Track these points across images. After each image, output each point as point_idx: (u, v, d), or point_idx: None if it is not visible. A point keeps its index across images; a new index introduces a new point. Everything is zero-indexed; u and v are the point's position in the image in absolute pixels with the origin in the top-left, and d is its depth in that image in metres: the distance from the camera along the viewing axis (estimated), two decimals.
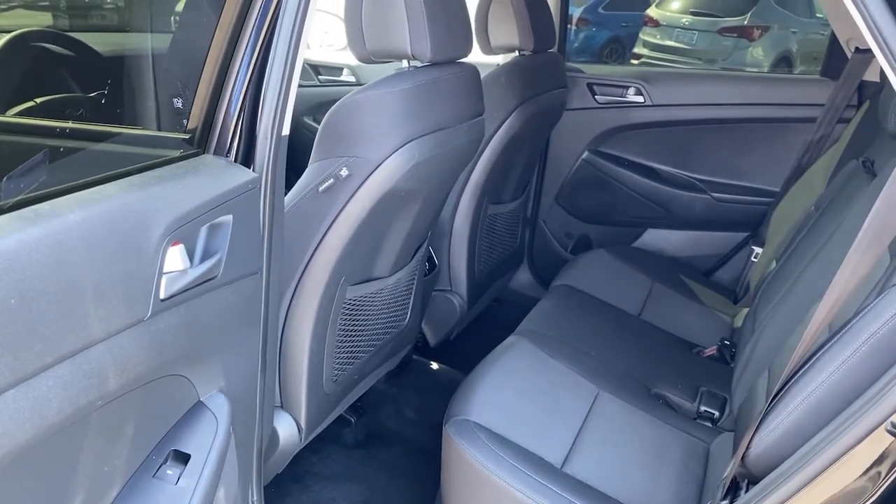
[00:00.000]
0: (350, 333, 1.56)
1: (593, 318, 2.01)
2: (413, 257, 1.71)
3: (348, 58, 2.83)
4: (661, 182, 2.58)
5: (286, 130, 1.17)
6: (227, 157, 1.09)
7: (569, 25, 8.28)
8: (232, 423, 1.05)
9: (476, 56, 2.24)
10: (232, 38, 1.05)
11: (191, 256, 0.95)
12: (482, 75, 2.09)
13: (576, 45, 7.92)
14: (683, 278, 2.43)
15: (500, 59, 2.28)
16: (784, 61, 7.72)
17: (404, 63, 1.42)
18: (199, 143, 1.06)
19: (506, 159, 2.16)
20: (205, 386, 1.03)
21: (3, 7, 1.67)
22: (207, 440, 0.98)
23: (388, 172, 1.32)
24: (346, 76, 3.12)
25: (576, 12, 7.99)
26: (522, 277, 2.82)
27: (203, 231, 0.97)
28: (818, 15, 8.29)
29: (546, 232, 2.76)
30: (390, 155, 1.32)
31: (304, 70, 3.14)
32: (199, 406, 1.01)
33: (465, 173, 2.09)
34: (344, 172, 1.32)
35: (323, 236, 1.36)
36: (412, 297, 1.82)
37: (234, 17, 1.03)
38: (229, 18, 1.03)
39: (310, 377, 1.45)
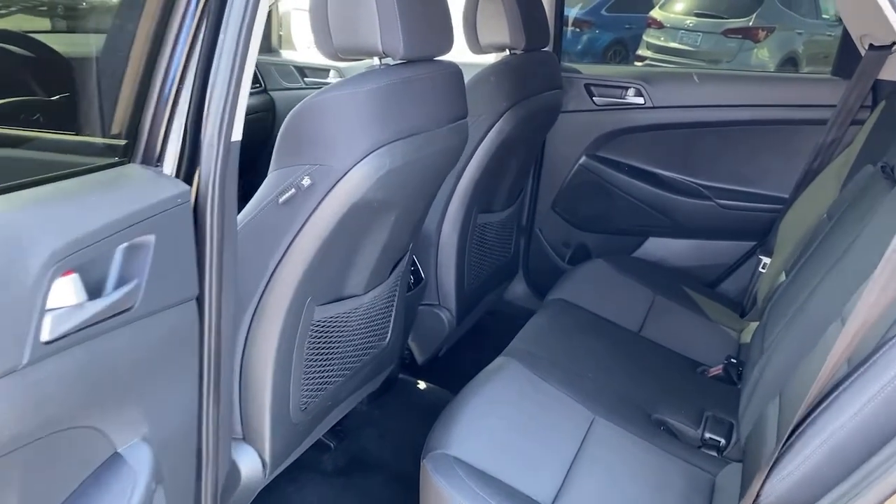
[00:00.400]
0: (320, 358, 1.42)
1: (589, 337, 1.88)
2: (392, 272, 1.58)
3: None
4: (662, 188, 2.44)
5: (237, 135, 1.04)
6: (157, 166, 0.96)
7: (571, 28, 8.18)
8: (160, 473, 0.91)
9: (465, 56, 2.12)
10: (159, 28, 0.92)
11: (98, 286, 0.81)
12: (471, 75, 1.98)
13: (578, 47, 7.84)
14: (687, 290, 2.29)
15: (493, 58, 2.15)
16: (790, 62, 7.62)
17: (375, 61, 1.29)
18: (125, 151, 0.93)
19: (496, 165, 2.02)
20: (122, 435, 0.89)
21: None
22: (122, 497, 0.84)
23: (355, 182, 1.19)
24: (332, 78, 2.99)
25: (578, 14, 7.91)
26: (517, 289, 2.69)
27: (118, 254, 0.83)
28: (824, 16, 8.21)
29: (542, 241, 2.62)
30: (357, 162, 1.18)
31: (289, 73, 3.03)
32: (114, 459, 0.87)
33: (452, 181, 1.96)
34: (306, 182, 1.18)
35: (284, 253, 1.22)
36: (393, 315, 1.69)
37: (160, 4, 0.90)
38: (155, 5, 0.89)
39: (274, 407, 1.32)
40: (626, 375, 1.73)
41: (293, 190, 1.19)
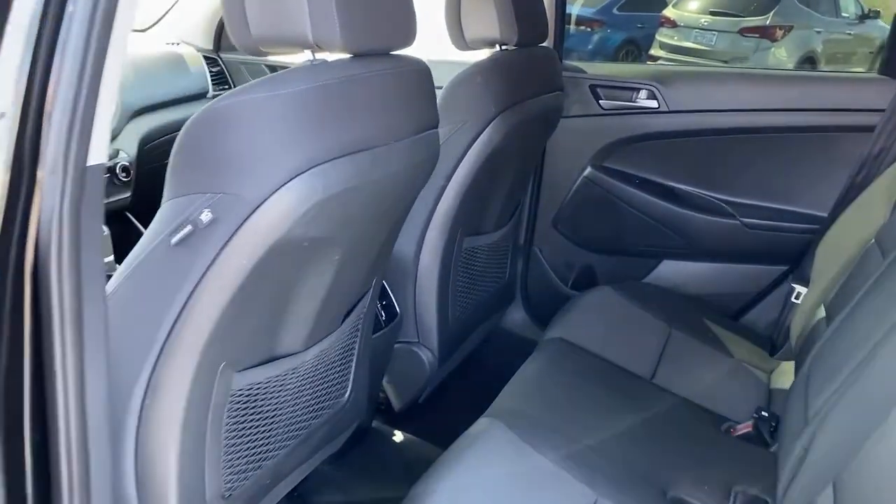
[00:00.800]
0: (247, 433, 1.12)
1: (593, 388, 1.57)
2: (346, 319, 1.28)
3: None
4: (679, 204, 2.13)
5: (98, 158, 0.75)
6: None
7: (581, 27, 7.91)
8: None
9: (450, 55, 1.83)
10: None
11: None
12: (454, 75, 1.68)
13: (589, 47, 7.62)
14: (707, 323, 1.98)
15: (485, 55, 1.84)
16: (808, 62, 7.35)
17: (307, 55, 0.98)
18: None
19: (485, 181, 1.72)
20: None
21: None
22: None
23: (274, 216, 0.90)
24: None
25: (589, 13, 7.69)
26: (515, 316, 2.39)
27: None
28: (844, 14, 7.93)
29: (542, 262, 2.32)
30: (277, 189, 0.89)
31: (261, 72, 2.75)
32: None
33: (430, 201, 1.67)
34: (206, 217, 0.89)
35: (182, 309, 0.93)
36: (354, 365, 1.39)
37: None
38: None
39: (183, 498, 1.02)
40: (637, 439, 1.43)
41: (189, 227, 0.90)
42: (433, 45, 1.79)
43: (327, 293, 1.13)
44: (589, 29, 7.71)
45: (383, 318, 1.65)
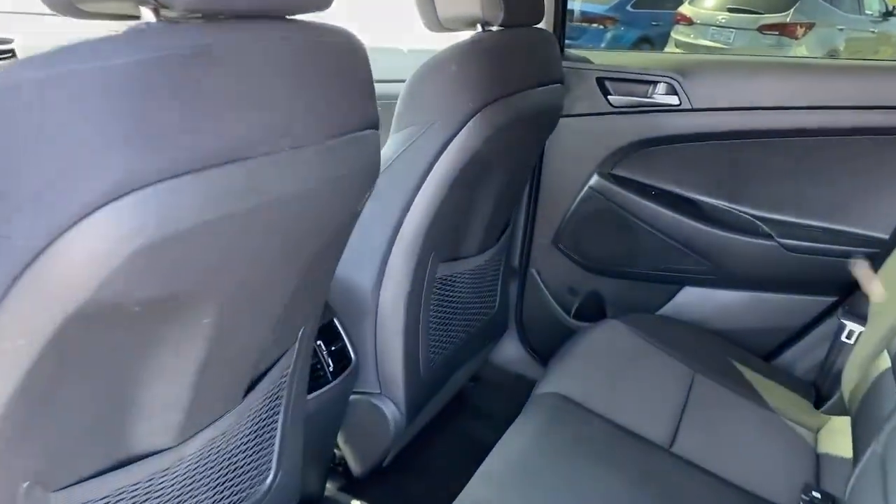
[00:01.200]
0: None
1: (595, 465, 1.22)
2: (249, 392, 0.94)
3: None
4: (704, 220, 1.77)
5: None
6: None
7: (594, 25, 7.56)
8: None
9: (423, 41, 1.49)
10: None
11: None
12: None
13: (602, 45, 7.30)
14: (737, 365, 1.63)
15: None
16: None
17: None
18: None
19: (463, 195, 1.38)
20: None
21: None
22: None
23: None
24: None
25: (602, 10, 7.44)
26: (508, 349, 2.04)
27: None
28: (867, 11, 7.60)
29: (541, 287, 1.97)
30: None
31: None
32: None
33: (391, 222, 1.34)
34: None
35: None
36: (276, 444, 1.05)
37: None
38: None
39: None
40: None
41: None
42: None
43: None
44: (601, 26, 7.47)
45: (330, 367, 1.31)
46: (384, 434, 1.45)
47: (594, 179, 1.83)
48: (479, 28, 1.37)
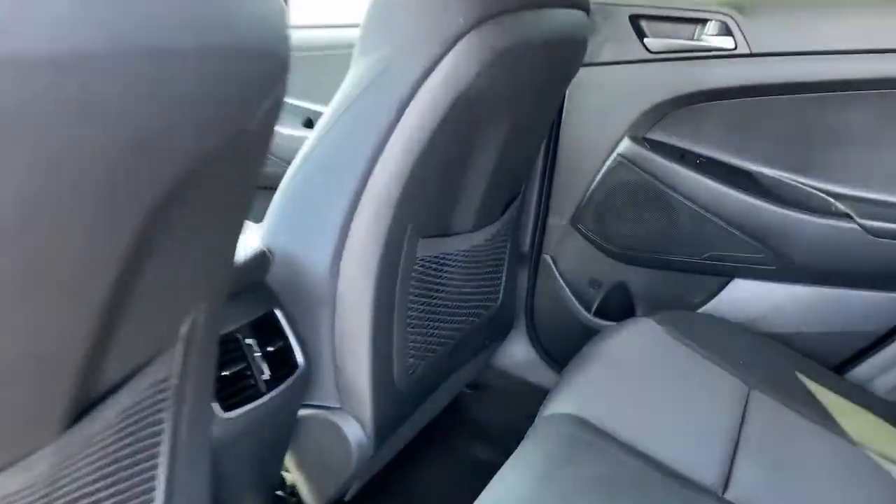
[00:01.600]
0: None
1: None
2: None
3: None
4: (761, 196, 1.40)
5: None
6: None
7: None
8: None
9: None
10: None
11: None
12: None
13: None
14: (804, 380, 1.28)
15: None
16: None
17: None
18: None
19: (450, 146, 1.04)
20: None
21: None
22: None
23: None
24: None
25: None
26: (515, 349, 1.69)
27: None
28: None
29: (556, 276, 1.62)
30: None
31: None
32: None
33: (352, 180, 0.99)
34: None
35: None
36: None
37: None
38: None
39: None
40: None
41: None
42: None
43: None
44: None
45: (265, 375, 0.98)
46: (344, 461, 1.12)
47: (625, 144, 1.47)
48: None
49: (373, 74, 0.98)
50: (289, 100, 2.00)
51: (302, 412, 1.11)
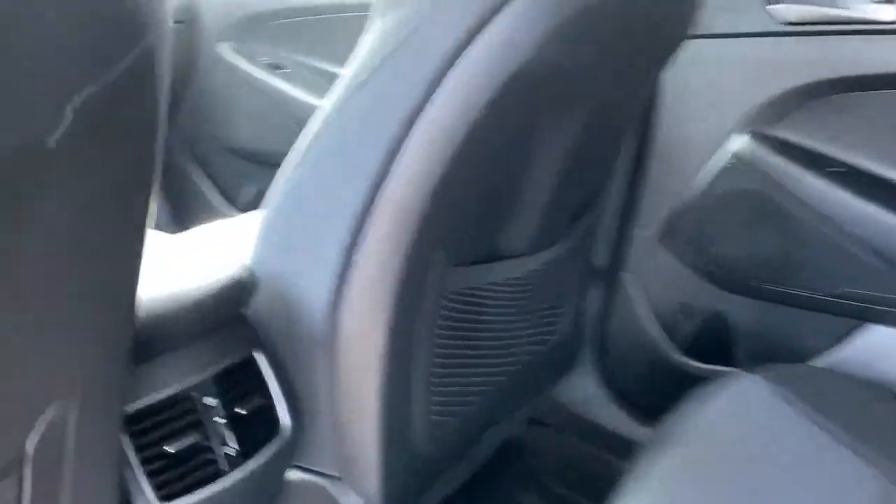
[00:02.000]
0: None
1: None
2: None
3: None
4: None
5: None
6: None
7: None
8: None
9: None
10: None
11: None
12: None
13: None
14: None
15: None
16: None
17: None
18: None
19: (499, 143, 0.75)
20: None
21: None
22: None
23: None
24: None
25: None
26: (582, 386, 1.40)
27: None
28: None
29: (636, 300, 1.31)
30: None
31: None
32: None
33: (362, 186, 0.72)
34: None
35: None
36: None
37: None
38: None
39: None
40: None
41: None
42: None
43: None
44: None
45: (229, 448, 0.72)
46: None
47: (740, 141, 1.15)
48: None
49: (394, 41, 0.70)
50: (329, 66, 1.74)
51: (290, 475, 0.86)
